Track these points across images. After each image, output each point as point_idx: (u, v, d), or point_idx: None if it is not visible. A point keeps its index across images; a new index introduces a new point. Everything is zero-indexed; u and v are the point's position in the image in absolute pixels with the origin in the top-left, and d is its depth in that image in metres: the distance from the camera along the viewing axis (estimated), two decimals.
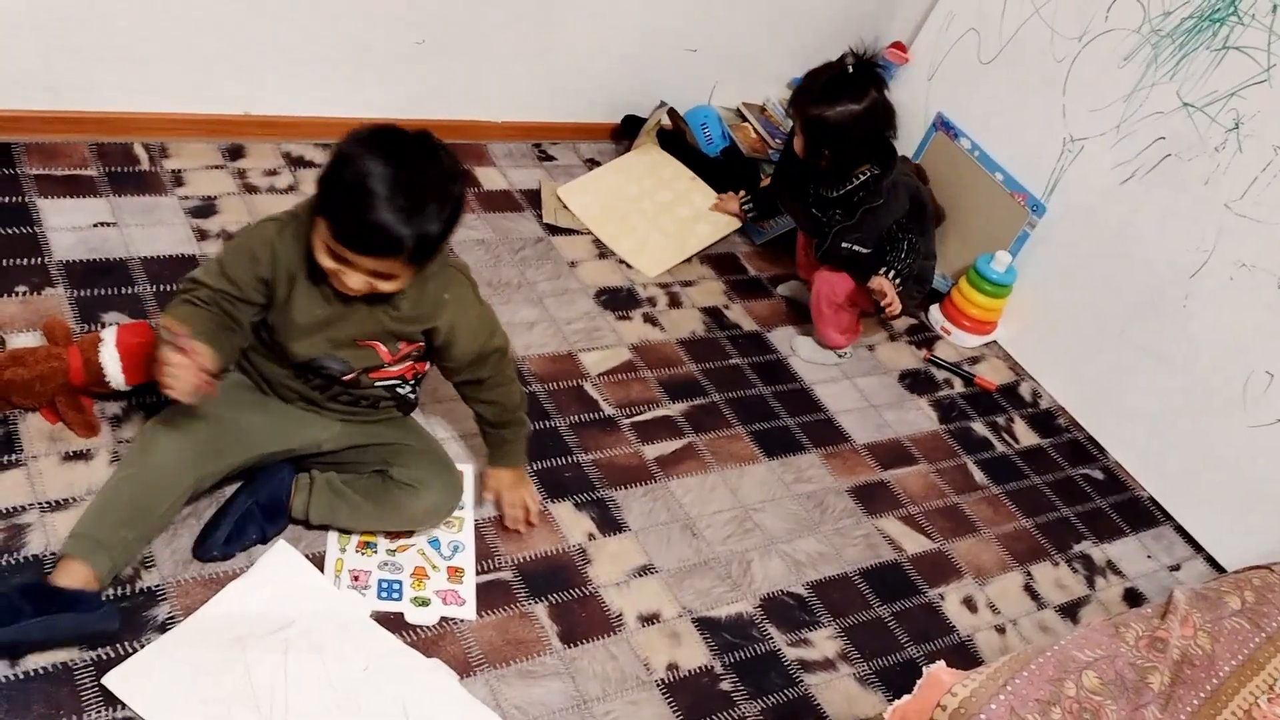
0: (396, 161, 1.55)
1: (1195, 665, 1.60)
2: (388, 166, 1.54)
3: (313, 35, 2.54)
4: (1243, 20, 2.42)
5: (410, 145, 1.59)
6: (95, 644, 1.60)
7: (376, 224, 1.53)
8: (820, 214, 2.52)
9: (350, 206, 1.54)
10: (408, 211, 1.54)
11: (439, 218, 1.58)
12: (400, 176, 1.54)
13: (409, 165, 1.56)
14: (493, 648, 1.80)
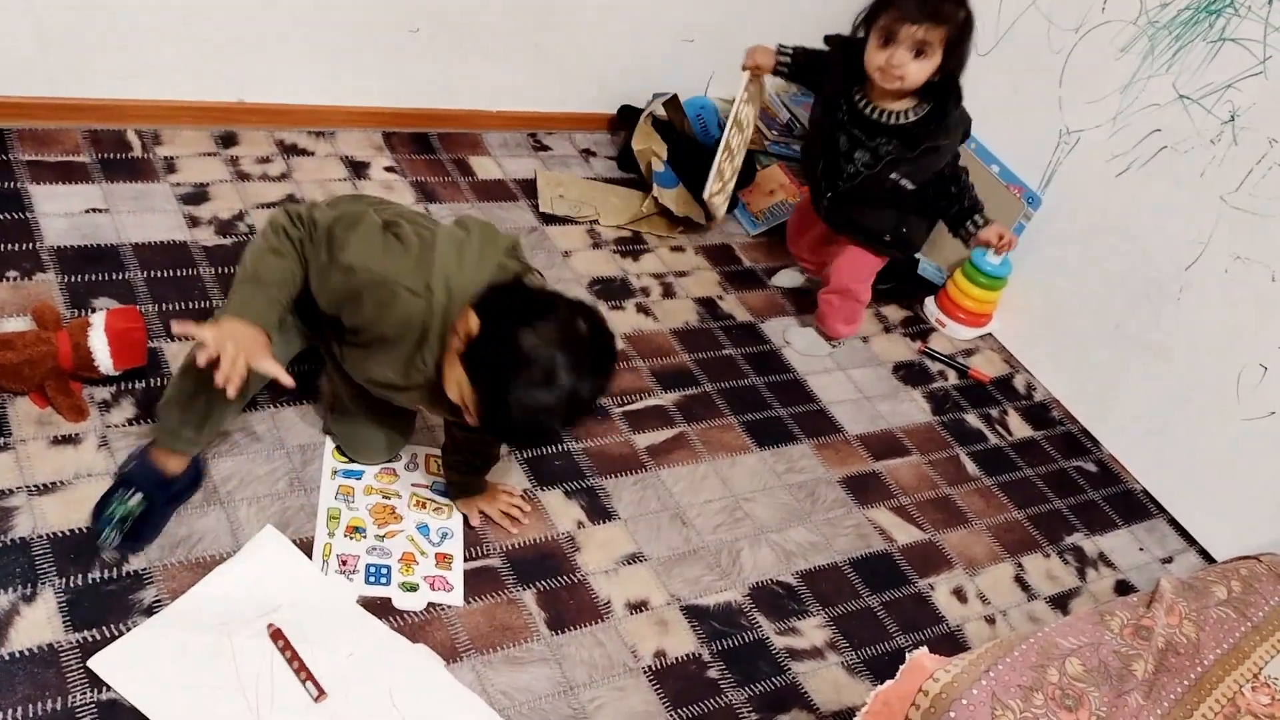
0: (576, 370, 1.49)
1: (1180, 653, 1.60)
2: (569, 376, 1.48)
3: (307, 23, 2.54)
4: (1239, 12, 2.41)
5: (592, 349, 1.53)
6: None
7: (537, 426, 1.54)
8: (861, 138, 2.31)
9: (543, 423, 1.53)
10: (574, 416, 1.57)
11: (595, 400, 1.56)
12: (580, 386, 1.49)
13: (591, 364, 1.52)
14: (480, 634, 1.81)
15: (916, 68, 2.16)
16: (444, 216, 2.62)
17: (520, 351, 1.47)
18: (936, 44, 2.14)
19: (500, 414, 1.50)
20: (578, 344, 1.50)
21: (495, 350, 1.48)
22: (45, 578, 1.64)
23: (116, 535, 1.69)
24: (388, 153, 2.75)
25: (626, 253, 2.76)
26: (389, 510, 1.94)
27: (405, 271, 1.58)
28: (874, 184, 2.33)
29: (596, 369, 1.54)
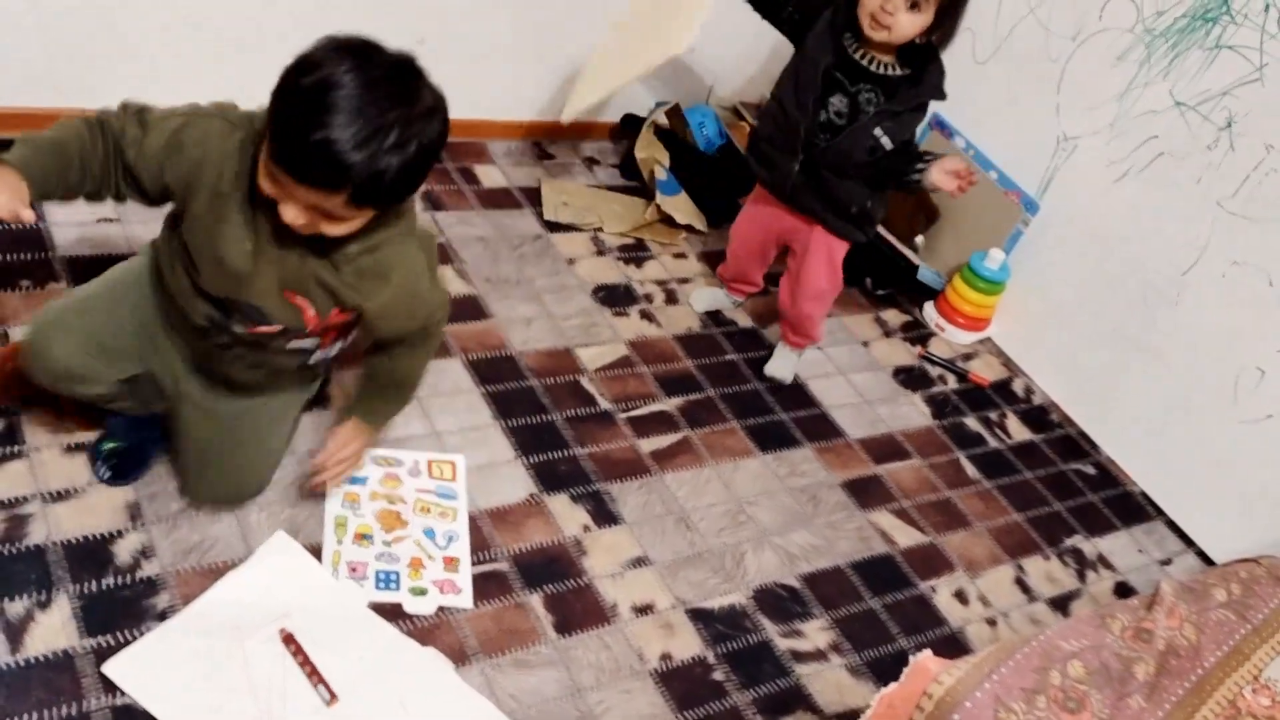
0: (365, 79, 1.32)
1: (1181, 656, 1.62)
2: (354, 82, 1.31)
3: (316, 32, 2.55)
4: (1235, 19, 2.44)
5: (388, 65, 1.36)
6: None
7: (321, 146, 1.30)
8: (843, 82, 2.20)
9: (296, 122, 1.32)
10: (363, 139, 1.31)
11: (400, 155, 1.35)
12: (365, 97, 1.31)
13: (379, 86, 1.33)
14: (488, 637, 1.83)
15: (908, 19, 2.08)
16: (451, 225, 2.65)
17: (315, 51, 1.37)
18: (932, 0, 2.08)
19: (286, 95, 1.35)
20: (381, 57, 1.38)
21: (289, 68, 1.37)
22: (60, 584, 1.67)
23: (105, 469, 1.80)
24: None
25: (630, 260, 2.79)
26: (395, 515, 1.96)
27: (219, 108, 1.54)
28: (853, 144, 2.21)
29: (399, 82, 1.37)
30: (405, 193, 1.45)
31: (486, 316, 2.44)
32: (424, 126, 1.39)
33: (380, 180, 1.36)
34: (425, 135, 1.39)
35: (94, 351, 1.68)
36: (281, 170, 1.36)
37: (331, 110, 1.31)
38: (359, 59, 1.35)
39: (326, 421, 2.06)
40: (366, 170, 1.34)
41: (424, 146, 1.39)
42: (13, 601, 1.63)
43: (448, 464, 2.08)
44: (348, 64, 1.34)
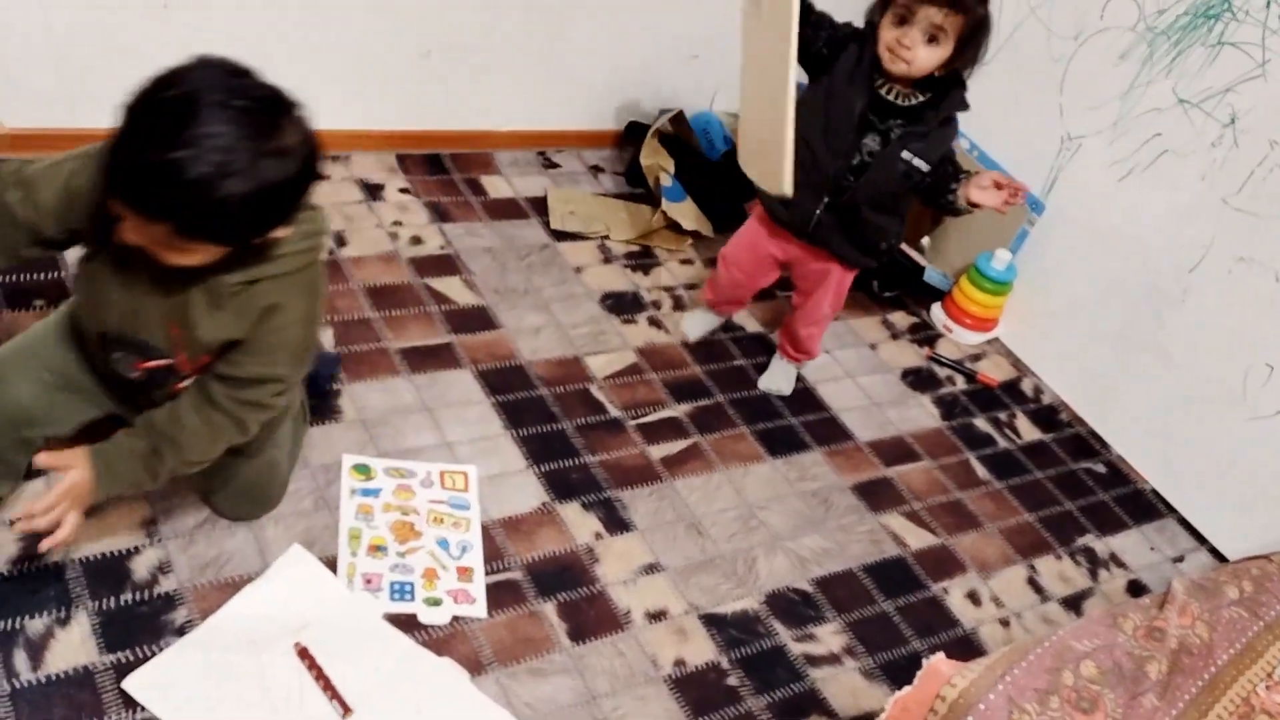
0: (221, 104, 1.23)
1: (1193, 654, 1.63)
2: (208, 107, 1.22)
3: (321, 50, 2.58)
4: (1236, 16, 2.44)
5: (253, 96, 1.27)
6: None
7: (149, 169, 1.22)
8: (874, 121, 2.13)
9: (133, 139, 1.24)
10: (196, 163, 1.21)
11: (244, 188, 1.24)
12: (215, 124, 1.22)
13: (234, 115, 1.24)
14: (503, 646, 1.84)
15: (926, 53, 2.04)
16: (458, 236, 2.67)
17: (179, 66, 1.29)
18: (951, 33, 2.02)
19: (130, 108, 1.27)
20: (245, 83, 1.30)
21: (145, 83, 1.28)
22: (79, 601, 1.68)
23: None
24: (401, 174, 2.79)
25: (637, 267, 2.80)
26: (408, 527, 1.98)
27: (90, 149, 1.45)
28: (884, 174, 2.14)
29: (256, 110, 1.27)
30: (246, 231, 1.33)
31: (495, 327, 2.46)
32: (275, 164, 1.29)
33: (211, 214, 1.26)
34: (273, 173, 1.28)
35: (54, 387, 1.62)
36: (114, 185, 1.28)
37: (173, 132, 1.22)
38: (225, 84, 1.28)
39: (337, 433, 2.09)
40: (196, 197, 1.24)
41: (270, 184, 1.29)
42: (33, 619, 1.64)
43: (460, 474, 2.10)
44: (209, 87, 1.26)
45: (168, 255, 1.34)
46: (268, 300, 1.48)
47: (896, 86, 2.12)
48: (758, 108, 2.03)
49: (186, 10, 2.38)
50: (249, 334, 1.51)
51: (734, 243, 2.46)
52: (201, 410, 1.56)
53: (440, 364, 2.32)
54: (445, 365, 2.32)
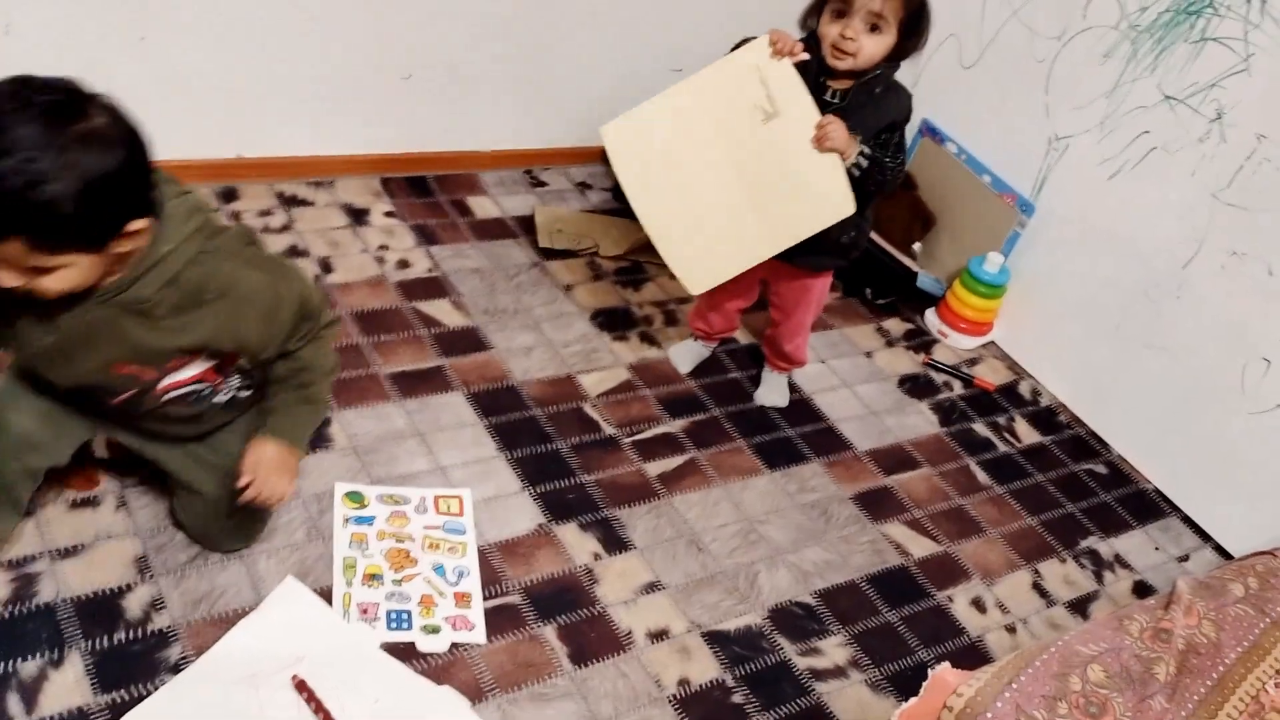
0: (9, 113, 1.24)
1: (1201, 654, 1.61)
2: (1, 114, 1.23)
3: (301, 76, 2.58)
4: (1218, 12, 2.44)
5: (42, 95, 1.27)
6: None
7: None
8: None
9: None
10: (12, 172, 1.22)
11: (66, 184, 1.24)
12: (7, 125, 1.23)
13: (27, 118, 1.24)
14: (504, 671, 1.82)
15: (871, 42, 2.02)
16: (446, 258, 2.65)
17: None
18: (892, 19, 2.01)
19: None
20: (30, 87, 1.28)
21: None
22: (71, 641, 1.66)
23: None
24: (386, 198, 2.78)
25: (628, 283, 2.78)
26: (404, 554, 1.96)
27: None
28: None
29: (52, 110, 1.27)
30: (98, 227, 1.32)
31: (486, 348, 2.44)
32: (93, 151, 1.28)
33: (48, 216, 1.25)
34: (94, 161, 1.28)
35: (51, 413, 1.63)
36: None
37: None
38: (14, 91, 1.26)
39: (326, 461, 2.06)
40: (24, 208, 1.23)
41: (95, 173, 1.28)
42: (25, 661, 1.62)
43: (454, 499, 2.08)
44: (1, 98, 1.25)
45: (44, 283, 1.33)
46: (200, 281, 1.46)
47: (837, 86, 2.11)
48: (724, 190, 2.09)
49: (164, 41, 2.38)
50: (226, 322, 1.50)
51: None
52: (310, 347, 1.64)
53: (431, 388, 2.30)
54: (436, 389, 2.30)
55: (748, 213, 2.12)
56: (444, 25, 2.68)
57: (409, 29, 2.64)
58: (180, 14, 2.37)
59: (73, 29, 2.27)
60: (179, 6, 2.37)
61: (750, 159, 2.10)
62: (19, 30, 2.23)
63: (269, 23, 2.47)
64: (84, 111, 1.30)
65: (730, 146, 2.10)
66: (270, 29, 2.47)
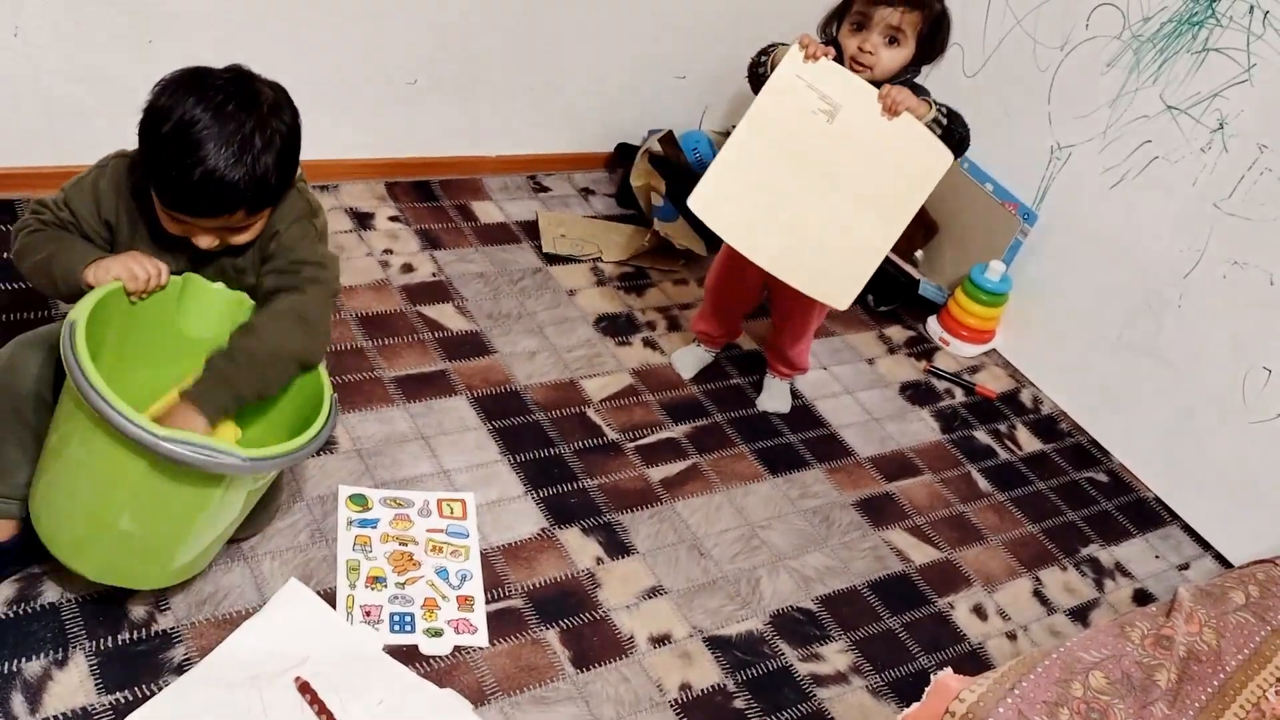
0: (211, 106, 1.46)
1: (1202, 661, 1.61)
2: (204, 113, 1.45)
3: (308, 80, 2.57)
4: (1221, 22, 2.45)
5: (224, 82, 1.50)
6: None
7: (205, 181, 1.44)
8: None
9: (173, 167, 1.45)
10: (236, 156, 1.45)
11: (272, 154, 1.50)
12: (219, 121, 1.45)
13: (226, 104, 1.47)
14: (506, 675, 1.82)
15: (889, 55, 2.05)
16: (450, 263, 2.66)
17: (156, 98, 1.50)
18: (910, 31, 2.04)
19: (154, 146, 1.48)
20: (212, 78, 1.51)
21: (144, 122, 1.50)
22: (76, 641, 1.66)
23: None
24: (391, 202, 2.79)
25: (630, 288, 2.79)
26: (407, 557, 1.96)
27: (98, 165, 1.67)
28: None
29: (237, 94, 1.50)
30: (288, 180, 1.58)
31: (490, 352, 2.45)
32: (277, 119, 1.53)
33: (265, 184, 1.51)
34: (282, 125, 1.53)
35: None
36: (179, 212, 1.51)
37: (199, 145, 1.45)
38: (199, 89, 1.48)
39: (333, 464, 2.07)
40: (250, 181, 1.48)
41: (286, 135, 1.54)
42: (30, 661, 1.63)
43: (458, 502, 2.08)
44: (192, 98, 1.47)
45: (237, 237, 1.58)
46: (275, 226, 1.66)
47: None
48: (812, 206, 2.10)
49: (171, 47, 2.38)
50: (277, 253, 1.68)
51: (713, 271, 2.49)
52: (262, 311, 1.65)
53: (435, 391, 2.31)
54: (440, 393, 2.31)
55: (858, 210, 2.11)
56: (450, 32, 2.69)
57: (415, 35, 2.65)
58: (188, 18, 2.38)
59: (81, 33, 2.28)
60: (186, 11, 2.37)
61: (835, 160, 2.09)
62: (27, 33, 2.24)
63: (276, 27, 2.47)
64: (258, 88, 1.54)
65: (811, 159, 2.09)
66: (277, 34, 2.48)
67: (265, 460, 1.51)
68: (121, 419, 1.41)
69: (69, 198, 1.62)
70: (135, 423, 1.42)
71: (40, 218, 1.61)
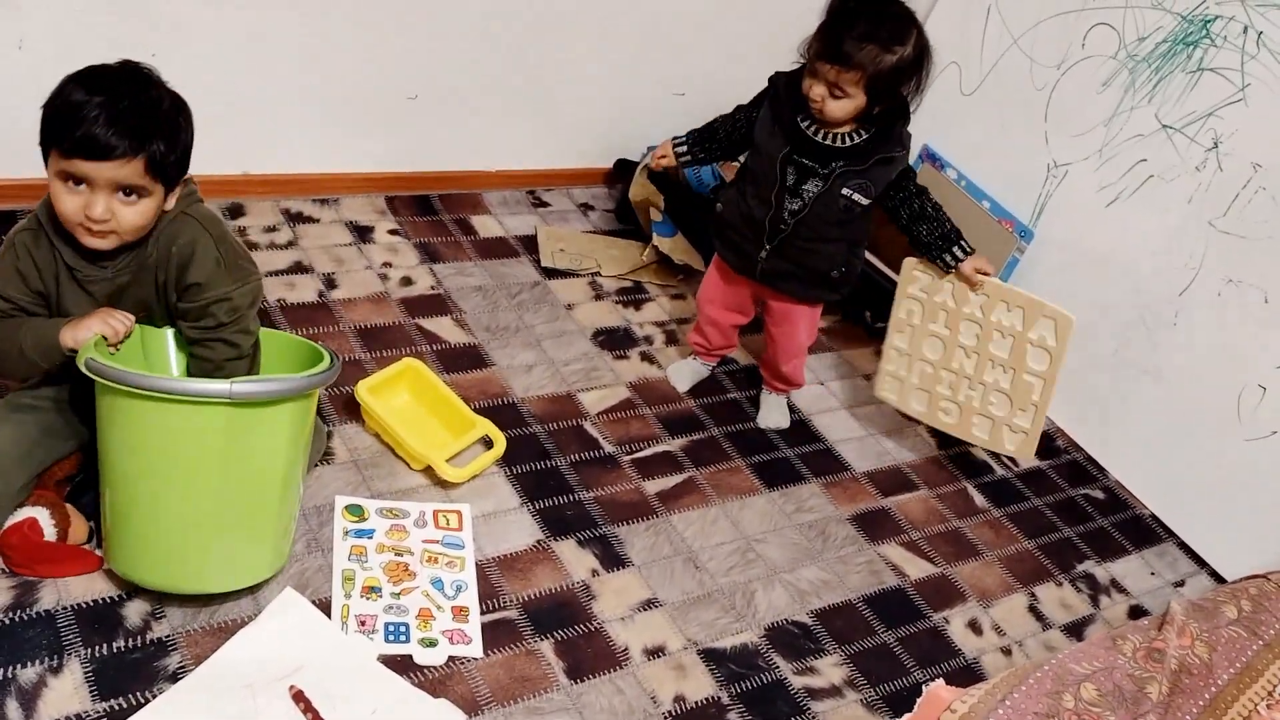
0: (112, 81, 1.58)
1: (1193, 674, 1.61)
2: (105, 82, 1.57)
3: (308, 95, 2.61)
4: (1215, 43, 2.47)
5: (123, 71, 1.61)
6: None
7: (108, 116, 1.53)
8: (813, 167, 2.17)
9: (77, 111, 1.54)
10: (134, 112, 1.55)
11: (167, 127, 1.59)
12: (120, 89, 1.57)
13: (124, 84, 1.59)
14: (500, 686, 1.82)
15: (835, 105, 2.07)
16: (448, 276, 2.68)
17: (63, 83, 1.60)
18: (851, 87, 2.04)
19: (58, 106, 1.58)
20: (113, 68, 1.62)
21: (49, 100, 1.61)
22: (71, 648, 1.67)
23: None
24: (391, 216, 2.80)
25: (629, 303, 2.81)
26: (402, 567, 1.97)
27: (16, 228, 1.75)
28: (824, 209, 2.19)
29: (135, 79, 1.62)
30: (181, 159, 1.64)
31: (488, 365, 2.46)
32: (173, 108, 1.63)
33: (165, 145, 1.58)
34: (177, 112, 1.64)
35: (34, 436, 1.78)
36: (80, 157, 1.55)
37: (101, 95, 1.54)
38: (98, 72, 1.60)
39: (330, 474, 2.08)
40: (152, 133, 1.56)
41: (175, 111, 1.63)
42: (25, 668, 1.63)
43: (454, 513, 2.09)
44: (91, 76, 1.59)
45: (129, 209, 1.60)
46: (174, 236, 1.72)
47: (831, 129, 2.16)
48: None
49: (173, 59, 2.39)
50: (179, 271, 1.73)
51: (704, 287, 2.52)
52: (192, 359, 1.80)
53: None
54: None
55: (1013, 364, 2.43)
56: (450, 47, 2.71)
57: (416, 50, 2.67)
58: (190, 32, 2.40)
59: (84, 45, 2.29)
60: (188, 25, 2.40)
61: (969, 334, 2.44)
62: (31, 44, 2.26)
63: (277, 42, 2.50)
64: (152, 79, 1.65)
65: (954, 341, 2.45)
66: (279, 48, 2.50)
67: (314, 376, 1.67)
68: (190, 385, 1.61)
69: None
70: (202, 385, 1.61)
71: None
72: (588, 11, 2.85)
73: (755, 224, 2.27)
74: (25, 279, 1.69)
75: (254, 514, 1.74)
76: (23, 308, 1.70)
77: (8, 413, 1.77)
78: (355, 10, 2.54)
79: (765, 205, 2.24)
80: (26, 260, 1.69)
